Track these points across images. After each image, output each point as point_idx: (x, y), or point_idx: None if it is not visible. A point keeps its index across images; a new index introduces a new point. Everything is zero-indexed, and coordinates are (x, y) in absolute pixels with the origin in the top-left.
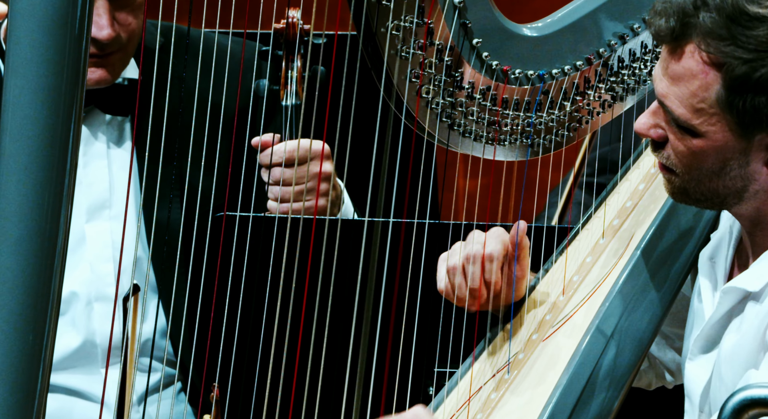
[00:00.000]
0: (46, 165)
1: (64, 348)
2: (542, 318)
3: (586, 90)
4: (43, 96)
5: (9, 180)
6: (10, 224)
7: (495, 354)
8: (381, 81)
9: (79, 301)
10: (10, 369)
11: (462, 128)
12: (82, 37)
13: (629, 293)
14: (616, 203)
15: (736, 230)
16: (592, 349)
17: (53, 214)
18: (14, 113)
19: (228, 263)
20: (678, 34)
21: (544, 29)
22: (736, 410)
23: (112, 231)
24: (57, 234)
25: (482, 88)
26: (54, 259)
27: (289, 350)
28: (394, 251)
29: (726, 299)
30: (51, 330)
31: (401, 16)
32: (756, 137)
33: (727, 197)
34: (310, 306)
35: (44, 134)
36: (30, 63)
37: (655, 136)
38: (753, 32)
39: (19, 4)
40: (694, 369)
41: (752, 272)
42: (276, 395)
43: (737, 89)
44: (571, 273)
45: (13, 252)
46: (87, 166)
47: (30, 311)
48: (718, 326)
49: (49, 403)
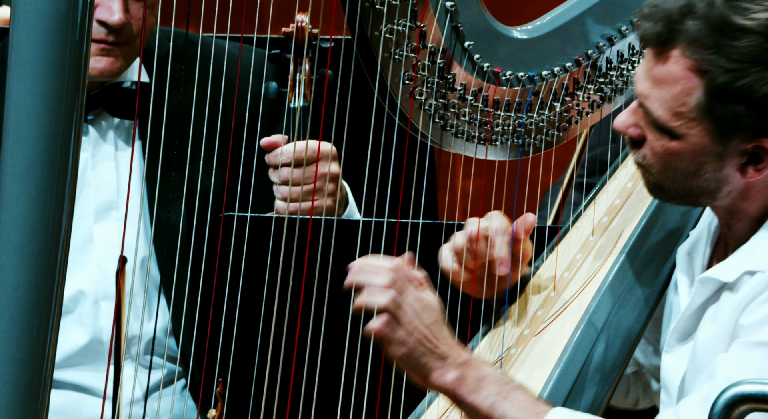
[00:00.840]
0: (48, 168)
1: (72, 345)
2: (534, 313)
3: (575, 91)
4: (44, 100)
5: (12, 182)
6: (13, 226)
7: (488, 349)
8: (375, 83)
9: (87, 300)
10: (13, 366)
11: (454, 128)
12: (82, 42)
13: (618, 290)
14: (606, 201)
15: (714, 226)
16: (582, 344)
17: (55, 216)
18: (17, 116)
19: (228, 262)
20: (664, 39)
21: (533, 32)
22: (728, 405)
23: (119, 232)
24: (59, 235)
25: (474, 89)
26: (56, 260)
27: (289, 345)
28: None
29: (702, 289)
30: (54, 329)
31: (394, 19)
32: (732, 143)
33: (701, 197)
34: (309, 303)
35: (46, 137)
36: (32, 68)
37: (634, 134)
38: (737, 43)
39: (20, 10)
40: (671, 361)
41: (727, 263)
42: (276, 389)
43: (718, 97)
44: (562, 270)
45: (16, 253)
46: (95, 168)
47: (33, 311)
48: (694, 317)
49: (58, 399)
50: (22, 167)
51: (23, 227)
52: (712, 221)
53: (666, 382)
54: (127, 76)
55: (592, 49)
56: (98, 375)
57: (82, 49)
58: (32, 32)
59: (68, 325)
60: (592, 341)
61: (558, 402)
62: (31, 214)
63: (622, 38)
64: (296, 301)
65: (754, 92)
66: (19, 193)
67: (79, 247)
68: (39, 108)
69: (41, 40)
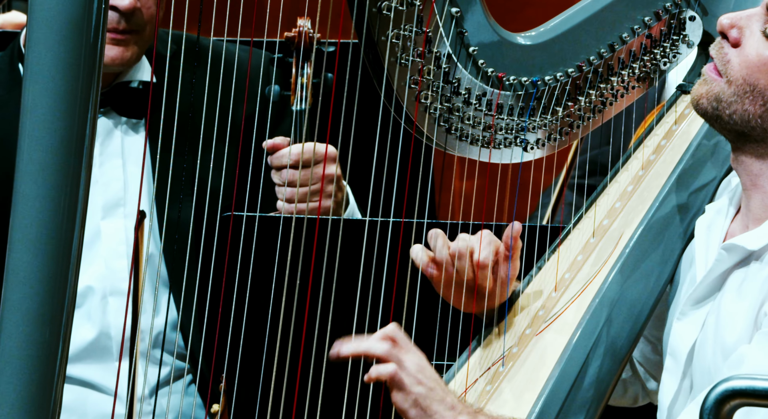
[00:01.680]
0: (63, 166)
1: (80, 340)
2: (535, 313)
3: (577, 96)
4: (59, 100)
5: (26, 181)
6: (28, 223)
7: (490, 348)
8: (382, 87)
9: (95, 295)
10: (28, 361)
11: (459, 131)
12: (96, 44)
13: (619, 290)
14: (606, 204)
15: (735, 200)
16: (582, 343)
17: (69, 213)
18: (32, 116)
19: (235, 261)
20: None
21: (537, 38)
22: (719, 401)
23: (126, 228)
24: (73, 232)
25: (478, 94)
26: (70, 256)
27: (294, 342)
28: (393, 248)
29: (726, 257)
30: (67, 325)
31: (401, 25)
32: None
33: (753, 132)
34: (314, 301)
35: (61, 136)
36: (47, 69)
37: (734, 35)
38: None
39: (37, 13)
40: (682, 327)
41: (756, 232)
42: (281, 385)
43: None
44: (563, 271)
45: (30, 249)
46: (103, 165)
47: (47, 306)
48: (715, 284)
49: (65, 395)
50: (37, 165)
51: (37, 225)
52: (733, 197)
53: (674, 348)
54: (135, 76)
55: (594, 56)
56: (105, 371)
57: (96, 50)
58: (48, 34)
59: (76, 320)
60: (593, 339)
61: (560, 397)
62: (45, 211)
63: (623, 45)
64: (302, 299)
65: None
66: (34, 191)
67: (87, 243)
68: (54, 108)
69: (57, 41)
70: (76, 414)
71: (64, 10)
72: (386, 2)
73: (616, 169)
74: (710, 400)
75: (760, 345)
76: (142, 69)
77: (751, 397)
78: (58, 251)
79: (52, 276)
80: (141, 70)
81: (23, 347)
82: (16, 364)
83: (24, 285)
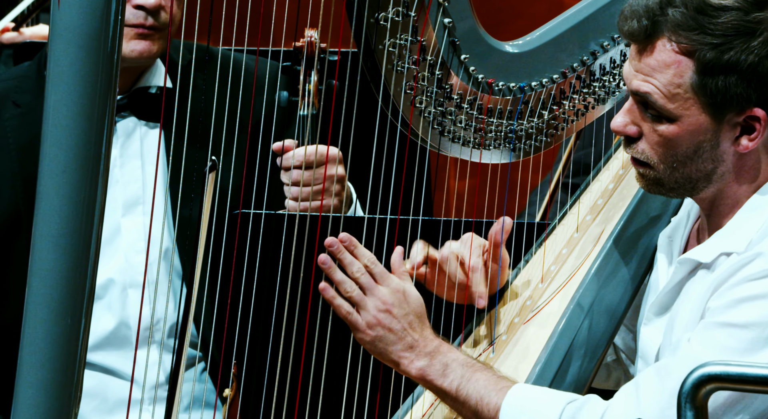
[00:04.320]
0: (83, 167)
1: (101, 330)
2: (523, 303)
3: (561, 100)
4: (79, 106)
5: (49, 180)
6: (51, 220)
7: (481, 336)
8: (380, 93)
9: (115, 287)
10: (51, 347)
11: (451, 134)
12: (113, 53)
13: (600, 281)
14: (589, 201)
15: (693, 214)
16: (567, 329)
17: (88, 211)
18: (54, 121)
19: (244, 255)
20: (650, 32)
21: (524, 46)
22: (695, 385)
23: (145, 225)
24: (92, 229)
25: (469, 98)
26: (89, 251)
27: (299, 330)
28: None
29: (680, 269)
30: (87, 315)
31: (397, 34)
32: (726, 117)
33: (698, 182)
34: (318, 291)
35: (80, 139)
36: (68, 77)
37: (631, 132)
38: (718, 20)
39: (58, 25)
40: (649, 332)
41: (706, 245)
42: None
43: (709, 72)
44: (549, 263)
45: (53, 245)
46: (124, 166)
47: (68, 298)
48: (672, 294)
49: (87, 380)
50: (59, 166)
51: (60, 221)
52: (691, 209)
53: (644, 352)
54: (152, 81)
55: (578, 63)
56: (124, 359)
57: (113, 60)
58: (69, 46)
59: (98, 311)
60: (576, 326)
61: (547, 379)
62: (66, 209)
63: (604, 53)
64: (306, 289)
65: (741, 62)
66: (56, 189)
67: (108, 238)
68: (74, 113)
69: (77, 52)
70: (97, 398)
71: (83, 23)
72: (383, 13)
73: (598, 168)
74: (687, 384)
75: (699, 333)
76: (160, 75)
77: (725, 381)
78: (79, 246)
79: (73, 269)
80: (159, 76)
81: (46, 334)
82: (40, 350)
83: (47, 277)
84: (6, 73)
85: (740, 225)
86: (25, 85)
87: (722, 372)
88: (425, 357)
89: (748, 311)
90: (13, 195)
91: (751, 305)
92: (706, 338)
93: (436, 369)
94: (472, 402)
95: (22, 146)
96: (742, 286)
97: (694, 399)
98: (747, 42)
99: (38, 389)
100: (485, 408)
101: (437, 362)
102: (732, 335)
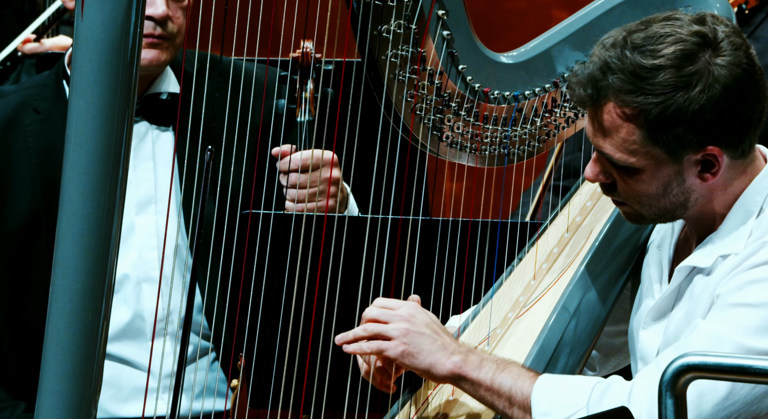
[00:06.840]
0: (103, 170)
1: (117, 322)
2: (517, 299)
3: (553, 108)
4: (100, 112)
5: (72, 182)
6: (73, 220)
7: (476, 330)
8: (382, 101)
9: (130, 282)
10: (74, 338)
11: (449, 139)
12: (132, 64)
13: (588, 278)
14: (579, 202)
15: (679, 223)
16: (557, 324)
17: (108, 211)
18: (77, 126)
19: (253, 252)
20: (596, 98)
21: (518, 57)
22: (675, 374)
23: (157, 223)
24: (111, 228)
25: (466, 106)
26: (109, 247)
27: (305, 324)
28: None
29: (678, 276)
30: (107, 309)
31: (399, 46)
32: (684, 158)
33: (676, 210)
34: (321, 289)
35: (101, 143)
36: (90, 85)
37: (604, 180)
38: (656, 80)
39: (82, 35)
40: (648, 336)
41: (702, 251)
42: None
43: (657, 128)
44: (541, 261)
45: (75, 243)
46: (136, 168)
47: (89, 292)
48: (670, 299)
49: (104, 371)
50: (81, 168)
51: (82, 220)
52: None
53: (643, 354)
54: (163, 88)
55: (568, 73)
56: (140, 349)
57: (132, 69)
58: (92, 56)
59: (114, 304)
60: (566, 320)
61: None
62: (87, 208)
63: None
64: (311, 285)
65: (685, 113)
66: (78, 191)
67: (123, 236)
68: (96, 119)
69: (99, 62)
70: (114, 387)
71: (105, 36)
72: (386, 26)
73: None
74: (668, 374)
75: (712, 313)
76: (170, 82)
77: (703, 371)
78: (99, 243)
79: (94, 264)
80: (169, 83)
81: (69, 326)
82: (64, 341)
83: (70, 272)
84: (27, 82)
85: (733, 229)
86: (44, 93)
87: (700, 362)
88: (460, 354)
89: (759, 292)
90: (33, 196)
91: (762, 287)
92: (721, 317)
93: (473, 361)
94: (506, 388)
95: (41, 150)
96: (751, 271)
97: (674, 387)
98: (686, 94)
99: (62, 378)
100: (519, 392)
101: (473, 356)
102: (746, 314)
